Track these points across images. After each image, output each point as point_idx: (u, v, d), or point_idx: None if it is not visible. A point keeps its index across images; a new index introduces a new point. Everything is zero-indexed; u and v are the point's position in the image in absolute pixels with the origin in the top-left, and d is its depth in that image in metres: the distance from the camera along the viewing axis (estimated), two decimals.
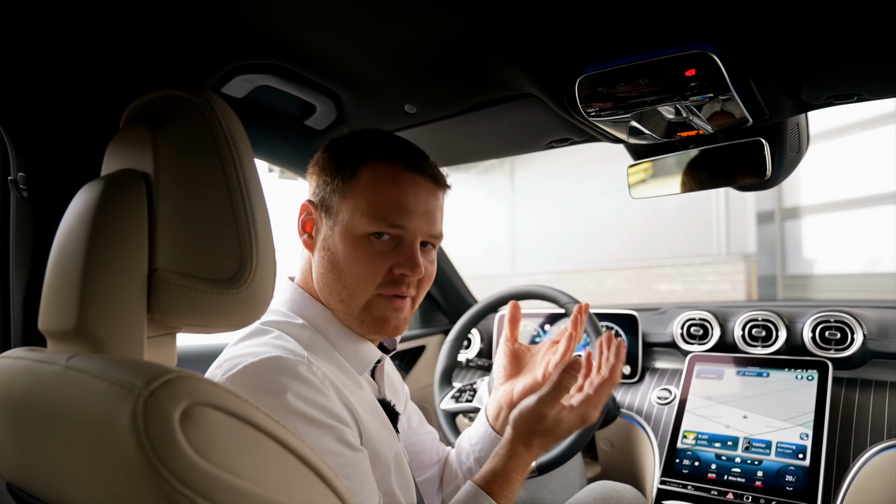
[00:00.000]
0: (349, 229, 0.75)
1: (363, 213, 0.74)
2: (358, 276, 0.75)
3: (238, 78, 0.84)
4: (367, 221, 0.74)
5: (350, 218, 0.75)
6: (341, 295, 0.76)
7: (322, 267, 0.77)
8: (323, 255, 0.77)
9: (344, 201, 0.76)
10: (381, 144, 0.78)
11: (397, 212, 0.74)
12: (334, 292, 0.77)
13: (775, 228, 6.05)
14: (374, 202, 0.74)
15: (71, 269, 0.48)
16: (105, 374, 0.40)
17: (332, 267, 0.76)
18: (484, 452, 0.96)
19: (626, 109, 0.86)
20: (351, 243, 0.75)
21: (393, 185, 0.75)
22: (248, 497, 0.38)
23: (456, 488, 0.96)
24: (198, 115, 0.52)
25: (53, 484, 0.45)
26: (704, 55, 0.73)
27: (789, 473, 1.13)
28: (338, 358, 0.76)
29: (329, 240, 0.76)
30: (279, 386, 0.63)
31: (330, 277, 0.76)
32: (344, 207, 0.76)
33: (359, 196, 0.75)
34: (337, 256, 0.75)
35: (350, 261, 0.75)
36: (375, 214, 0.74)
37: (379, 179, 0.75)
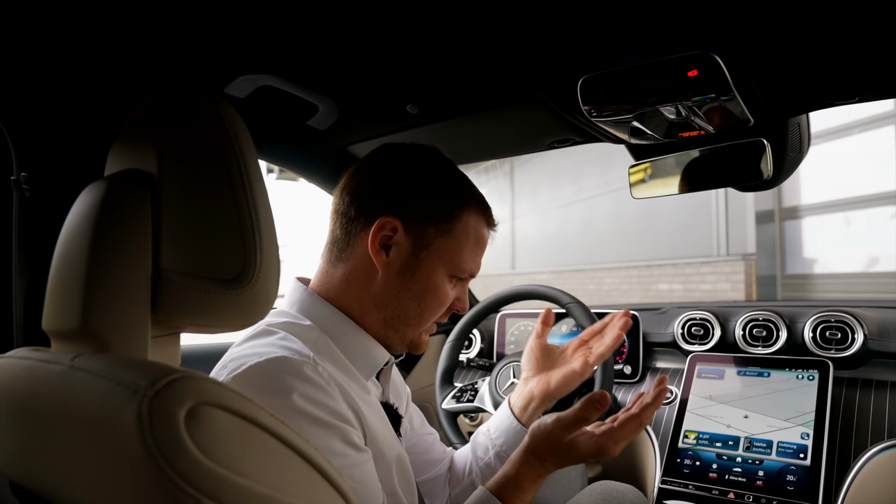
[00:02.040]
0: (439, 266, 0.78)
1: (453, 258, 0.79)
2: (434, 310, 0.80)
3: (240, 78, 0.84)
4: (456, 266, 0.79)
5: (442, 257, 0.78)
6: (411, 321, 0.79)
7: (398, 289, 0.78)
8: (404, 280, 0.78)
9: (440, 238, 0.78)
10: (478, 194, 0.83)
11: (475, 263, 0.82)
12: (404, 315, 0.79)
13: (775, 228, 6.05)
14: (466, 250, 0.80)
15: (75, 269, 0.48)
16: (110, 374, 0.40)
17: (413, 294, 0.78)
18: (507, 446, 0.96)
19: (628, 110, 0.86)
20: (437, 279, 0.79)
21: (480, 241, 0.83)
22: (253, 497, 0.38)
23: (470, 485, 0.97)
24: (202, 115, 0.52)
25: (57, 484, 0.45)
26: (706, 56, 0.73)
27: (790, 473, 1.13)
28: (344, 361, 0.76)
29: (415, 267, 0.77)
30: (284, 386, 0.63)
31: (407, 303, 0.78)
32: (440, 245, 0.78)
33: (455, 241, 0.79)
34: (422, 285, 0.78)
35: (432, 294, 0.79)
36: (463, 263, 0.80)
37: (472, 233, 0.80)
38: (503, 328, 1.75)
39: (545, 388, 0.96)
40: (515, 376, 1.27)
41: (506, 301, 1.41)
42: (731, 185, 1.08)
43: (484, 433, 1.01)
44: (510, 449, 0.96)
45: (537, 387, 0.97)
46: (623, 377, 1.53)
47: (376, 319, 0.78)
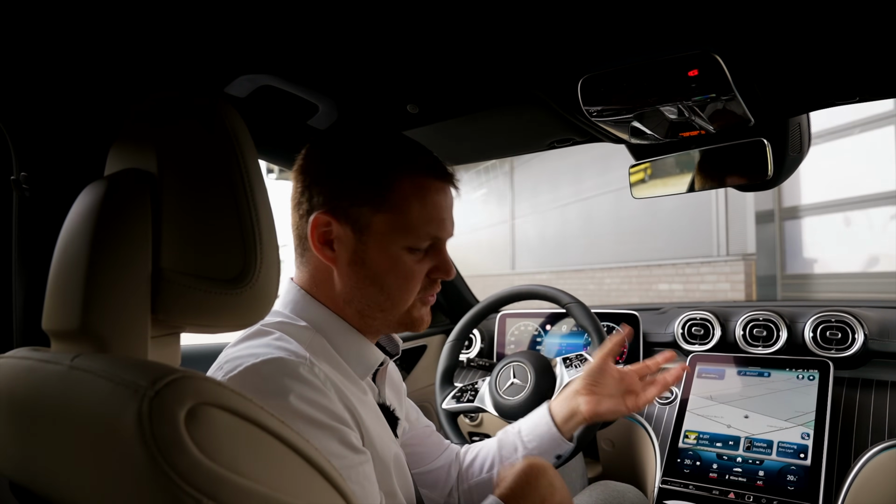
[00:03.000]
0: (387, 243, 0.74)
1: (402, 227, 0.74)
2: (402, 288, 0.76)
3: (241, 78, 0.84)
4: (408, 237, 0.74)
5: (387, 232, 0.74)
6: (383, 306, 0.77)
7: (355, 280, 0.76)
8: (356, 270, 0.75)
9: (377, 214, 0.74)
10: (409, 153, 0.77)
11: (436, 225, 0.76)
12: (374, 304, 0.76)
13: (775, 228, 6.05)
14: (413, 217, 0.74)
15: (75, 268, 0.48)
16: (110, 374, 0.40)
17: (371, 281, 0.75)
18: (538, 451, 0.98)
19: (629, 110, 0.86)
20: (390, 258, 0.75)
21: (428, 199, 0.75)
22: (253, 497, 0.38)
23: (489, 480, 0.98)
24: (202, 114, 0.52)
25: (57, 484, 0.45)
26: (707, 56, 0.73)
27: (791, 473, 1.13)
28: (339, 361, 0.75)
29: (362, 253, 0.75)
30: (280, 387, 0.62)
31: (369, 290, 0.76)
32: (377, 221, 0.74)
33: (395, 210, 0.74)
34: (375, 270, 0.75)
35: (392, 274, 0.75)
36: (416, 230, 0.75)
37: (416, 194, 0.74)
38: (503, 328, 1.75)
39: (594, 411, 0.97)
40: (516, 376, 1.27)
41: (506, 301, 1.41)
42: (731, 185, 1.08)
43: (514, 433, 1.01)
44: (541, 453, 0.98)
45: (587, 406, 0.98)
46: None
47: (352, 314, 0.77)
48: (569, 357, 1.28)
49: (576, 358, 1.27)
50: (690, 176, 1.07)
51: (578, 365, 1.26)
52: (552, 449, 0.99)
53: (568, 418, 0.99)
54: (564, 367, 1.26)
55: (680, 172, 1.08)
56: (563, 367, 1.26)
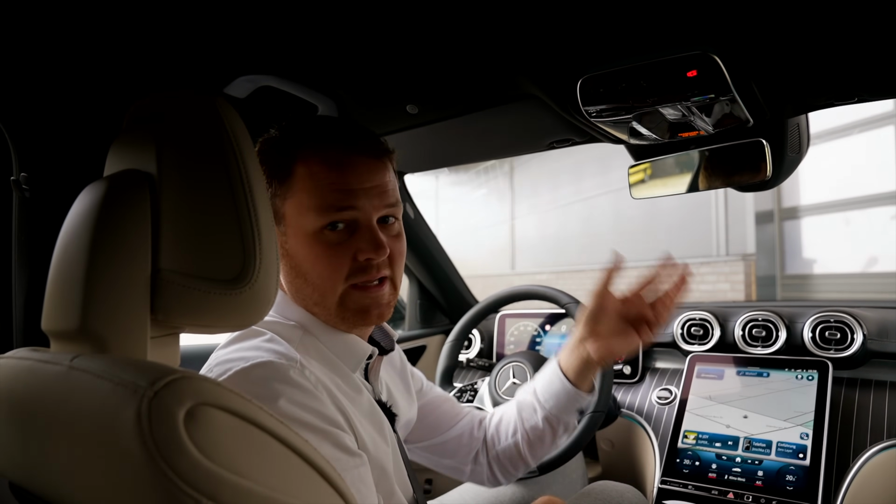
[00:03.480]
0: (300, 229, 0.72)
1: (308, 208, 0.70)
2: (323, 275, 0.72)
3: (241, 79, 0.84)
4: (315, 216, 0.70)
5: (297, 218, 0.71)
6: (313, 298, 0.74)
7: (288, 275, 0.75)
8: (285, 263, 0.74)
9: (287, 203, 0.72)
10: (309, 134, 0.73)
11: (342, 196, 0.70)
12: (307, 297, 0.74)
13: (774, 229, 6.06)
14: (316, 195, 0.70)
15: (74, 269, 0.48)
16: (109, 375, 0.40)
17: (297, 273, 0.73)
18: (557, 409, 0.95)
19: (628, 110, 0.86)
20: (306, 243, 0.71)
21: (330, 172, 0.71)
22: (253, 497, 0.38)
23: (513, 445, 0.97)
24: (201, 115, 0.52)
25: (57, 484, 0.45)
26: (706, 56, 0.73)
27: (790, 473, 1.13)
28: (331, 357, 0.75)
29: (285, 246, 0.73)
30: (271, 392, 0.61)
31: (298, 283, 0.74)
32: (289, 209, 0.72)
33: (299, 193, 0.71)
34: (297, 261, 0.73)
35: (310, 261, 0.72)
36: (321, 207, 0.70)
37: (315, 170, 0.71)
38: (503, 328, 1.75)
39: (605, 355, 0.91)
40: (515, 376, 1.27)
41: (505, 301, 1.41)
42: (730, 186, 1.08)
43: (531, 393, 0.98)
44: (561, 412, 0.95)
45: (596, 352, 0.91)
46: (623, 377, 1.53)
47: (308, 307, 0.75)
48: None
49: None
50: (690, 176, 1.07)
51: None
52: (570, 405, 0.95)
53: (580, 370, 0.94)
54: None
55: (679, 173, 1.08)
56: None
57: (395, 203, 0.75)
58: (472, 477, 1.03)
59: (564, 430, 0.98)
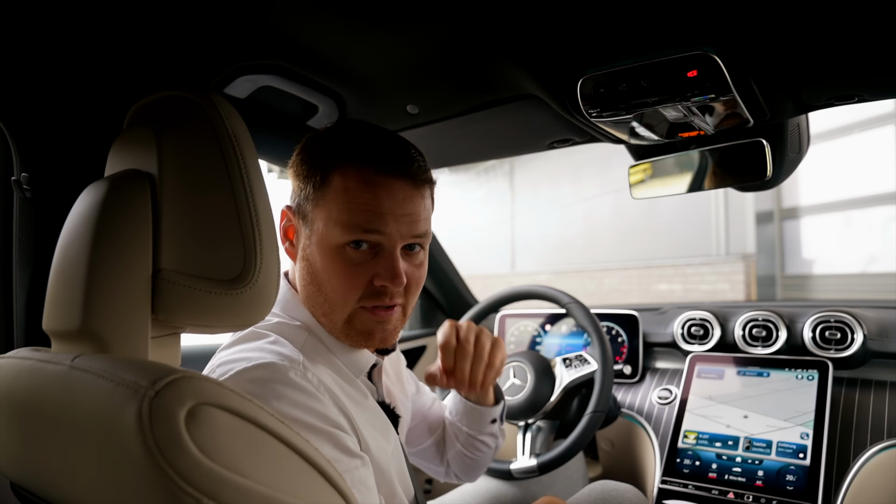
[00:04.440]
0: (324, 239, 0.71)
1: (336, 222, 0.69)
2: (337, 290, 0.71)
3: (241, 78, 0.84)
4: (341, 231, 0.69)
5: (324, 227, 0.71)
6: (323, 308, 0.73)
7: (303, 278, 0.74)
8: (303, 266, 0.74)
9: (317, 209, 0.71)
10: (354, 146, 0.72)
11: (371, 217, 0.69)
12: (317, 305, 0.74)
13: (774, 229, 6.06)
14: (346, 210, 0.69)
15: (75, 269, 0.49)
16: (110, 374, 0.40)
17: (313, 279, 0.73)
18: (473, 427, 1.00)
19: (628, 110, 0.86)
20: (328, 255, 0.71)
21: (365, 191, 0.69)
22: (254, 497, 0.39)
23: (458, 453, 1.02)
24: (202, 115, 0.52)
25: (58, 484, 0.45)
26: (706, 56, 0.73)
27: (790, 473, 1.13)
28: (335, 361, 0.74)
29: (307, 249, 0.73)
30: (272, 392, 0.61)
31: (311, 290, 0.73)
32: (318, 216, 0.71)
33: (331, 204, 0.70)
34: (316, 268, 0.72)
35: (328, 273, 0.71)
36: (348, 223, 0.69)
37: (350, 186, 0.69)
38: (503, 328, 1.75)
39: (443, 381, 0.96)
40: (515, 376, 1.27)
41: (505, 301, 1.41)
42: (730, 186, 1.08)
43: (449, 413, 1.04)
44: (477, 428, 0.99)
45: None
46: (623, 377, 1.53)
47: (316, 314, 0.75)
48: (568, 357, 1.28)
49: (575, 358, 1.27)
50: (690, 176, 1.07)
51: (578, 365, 1.26)
52: (479, 418, 0.99)
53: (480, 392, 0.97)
54: (564, 367, 1.26)
55: (679, 173, 1.08)
56: (563, 367, 1.26)
57: (424, 234, 0.74)
58: (448, 476, 1.06)
59: (493, 438, 1.02)
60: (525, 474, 1.19)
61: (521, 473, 1.19)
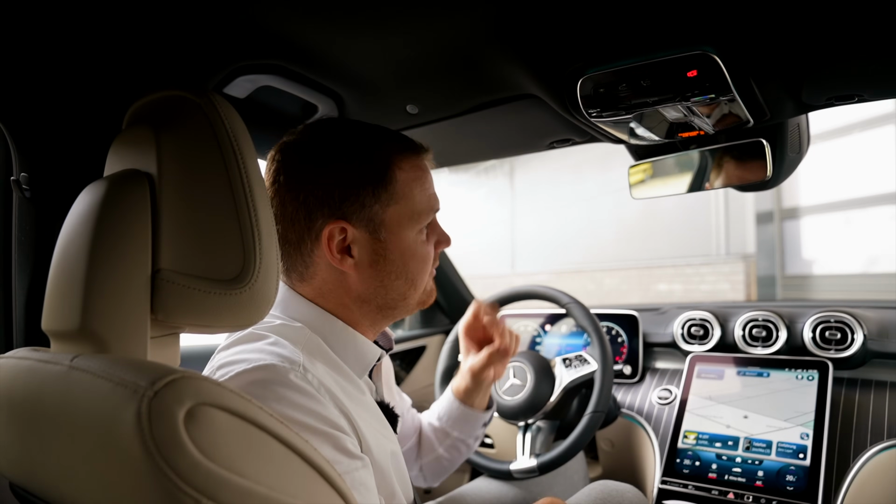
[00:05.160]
0: (402, 235, 0.76)
1: (411, 214, 0.76)
2: (420, 271, 0.79)
3: (240, 78, 0.84)
4: (419, 221, 0.77)
5: (401, 223, 0.76)
6: (406, 294, 0.78)
7: (379, 279, 0.76)
8: (379, 268, 0.75)
9: (388, 208, 0.75)
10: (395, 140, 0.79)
11: (434, 200, 0.80)
12: (398, 295, 0.78)
13: (774, 229, 6.06)
14: (417, 201, 0.77)
15: (74, 269, 0.48)
16: (109, 375, 0.40)
17: (397, 274, 0.76)
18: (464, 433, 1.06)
19: (628, 110, 0.86)
20: (409, 248, 0.77)
21: (425, 178, 0.79)
22: (253, 497, 0.38)
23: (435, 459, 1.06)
24: (201, 115, 0.52)
25: (57, 484, 0.45)
26: (706, 56, 0.73)
27: (790, 473, 1.13)
28: (337, 361, 0.74)
29: (382, 251, 0.75)
30: (272, 394, 0.61)
31: (394, 284, 0.77)
32: (390, 214, 0.75)
33: (403, 200, 0.76)
34: (398, 264, 0.76)
35: (413, 262, 0.78)
36: (425, 210, 0.78)
37: (410, 178, 0.77)
38: None
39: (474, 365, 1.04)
40: (515, 376, 1.27)
41: (505, 301, 1.41)
42: (730, 186, 1.08)
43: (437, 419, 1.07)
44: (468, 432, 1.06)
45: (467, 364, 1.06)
46: (623, 377, 1.53)
47: (369, 312, 0.78)
48: (568, 357, 1.28)
49: (575, 358, 1.27)
50: (690, 176, 1.07)
51: (578, 365, 1.26)
52: (468, 422, 1.06)
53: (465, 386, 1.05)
54: (564, 367, 1.26)
55: (679, 173, 1.08)
56: (563, 367, 1.26)
57: None
58: (416, 480, 1.08)
59: (476, 441, 1.09)
60: (525, 474, 1.19)
61: (521, 474, 1.19)
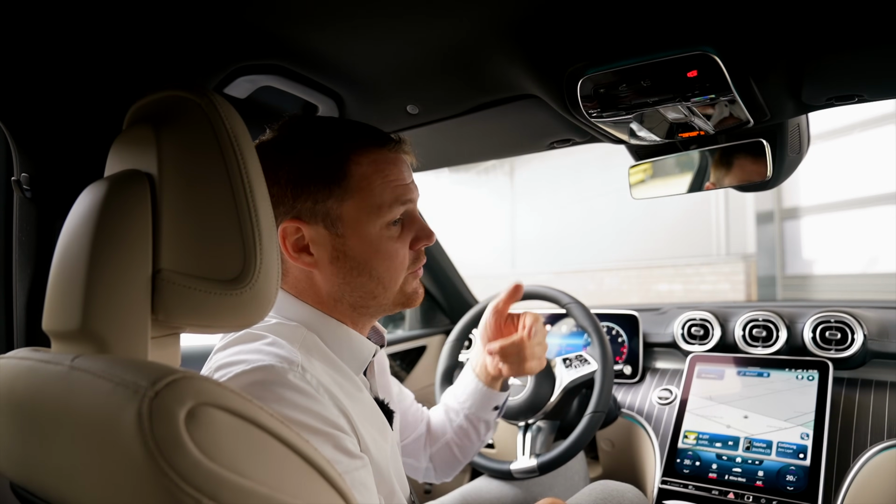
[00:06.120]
0: (362, 230, 0.73)
1: (371, 208, 0.73)
2: (390, 269, 0.76)
3: (241, 79, 0.84)
4: (381, 214, 0.74)
5: (360, 217, 0.73)
6: (374, 292, 0.76)
7: (341, 276, 0.74)
8: (340, 265, 0.74)
9: (345, 203, 0.72)
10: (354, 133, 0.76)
11: (402, 190, 0.75)
12: (366, 293, 0.76)
13: (775, 229, 6.06)
14: (378, 193, 0.73)
15: (75, 269, 0.49)
16: (110, 375, 0.40)
17: (359, 271, 0.74)
18: (475, 407, 1.05)
19: (628, 110, 0.86)
20: (371, 243, 0.74)
21: (387, 169, 0.74)
22: (253, 497, 0.38)
23: (445, 445, 1.06)
24: (201, 115, 0.52)
25: (58, 484, 0.45)
26: (706, 56, 0.73)
27: (790, 473, 1.13)
28: (334, 358, 0.75)
29: (342, 247, 0.73)
30: (272, 395, 0.61)
31: (358, 281, 0.75)
32: (346, 211, 0.73)
33: (359, 193, 0.72)
34: (360, 261, 0.74)
35: (378, 259, 0.74)
36: (386, 203, 0.74)
37: (369, 171, 0.73)
38: None
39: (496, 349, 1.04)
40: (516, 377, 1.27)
41: None
42: (730, 186, 1.08)
43: (452, 397, 1.08)
44: (478, 409, 1.05)
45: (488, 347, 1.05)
46: (623, 377, 1.53)
47: (345, 311, 0.76)
48: (568, 357, 1.28)
49: (575, 358, 1.27)
50: (690, 177, 1.07)
51: (578, 365, 1.26)
52: (486, 402, 1.06)
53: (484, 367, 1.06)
54: (564, 367, 1.26)
55: (680, 173, 1.08)
56: (563, 368, 1.26)
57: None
58: (426, 475, 1.08)
59: (486, 429, 1.07)
60: (525, 474, 1.19)
61: (521, 474, 1.19)
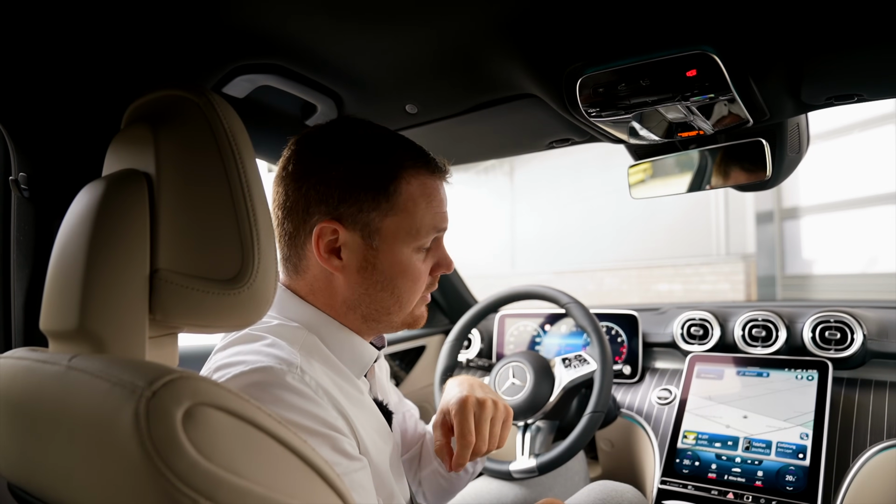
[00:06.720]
0: (396, 248, 0.74)
1: (410, 230, 0.74)
2: (411, 290, 0.77)
3: (239, 78, 0.84)
4: (417, 238, 0.75)
5: (397, 235, 0.74)
6: (390, 309, 0.76)
7: (364, 286, 0.74)
8: (366, 276, 0.74)
9: (387, 219, 0.73)
10: (411, 154, 0.76)
11: (441, 218, 0.77)
12: (382, 308, 0.76)
13: (774, 229, 6.06)
14: (420, 217, 0.74)
15: (73, 269, 0.48)
16: (107, 375, 0.40)
17: (382, 286, 0.75)
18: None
19: (627, 110, 0.86)
20: (400, 262, 0.74)
21: (433, 196, 0.76)
22: (251, 497, 0.38)
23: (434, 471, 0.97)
24: (199, 114, 0.52)
25: (55, 484, 0.45)
26: (705, 56, 0.73)
27: (789, 473, 1.13)
28: (334, 360, 0.74)
29: (373, 259, 0.73)
30: (270, 397, 0.61)
31: (379, 295, 0.75)
32: (387, 225, 0.73)
33: (403, 213, 0.73)
34: (387, 276, 0.74)
35: (402, 278, 0.75)
36: (423, 230, 0.75)
37: (417, 193, 0.74)
38: (503, 328, 1.75)
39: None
40: (515, 377, 1.27)
41: (505, 301, 1.41)
42: (730, 186, 1.08)
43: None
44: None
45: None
46: (622, 377, 1.53)
47: (354, 319, 0.76)
48: (567, 357, 1.28)
49: (575, 358, 1.27)
50: (690, 176, 1.07)
51: (577, 365, 1.26)
52: None
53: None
54: (563, 367, 1.26)
55: (679, 173, 1.08)
56: (562, 368, 1.26)
57: None
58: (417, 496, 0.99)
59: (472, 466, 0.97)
60: (525, 475, 1.19)
61: (520, 474, 1.19)
